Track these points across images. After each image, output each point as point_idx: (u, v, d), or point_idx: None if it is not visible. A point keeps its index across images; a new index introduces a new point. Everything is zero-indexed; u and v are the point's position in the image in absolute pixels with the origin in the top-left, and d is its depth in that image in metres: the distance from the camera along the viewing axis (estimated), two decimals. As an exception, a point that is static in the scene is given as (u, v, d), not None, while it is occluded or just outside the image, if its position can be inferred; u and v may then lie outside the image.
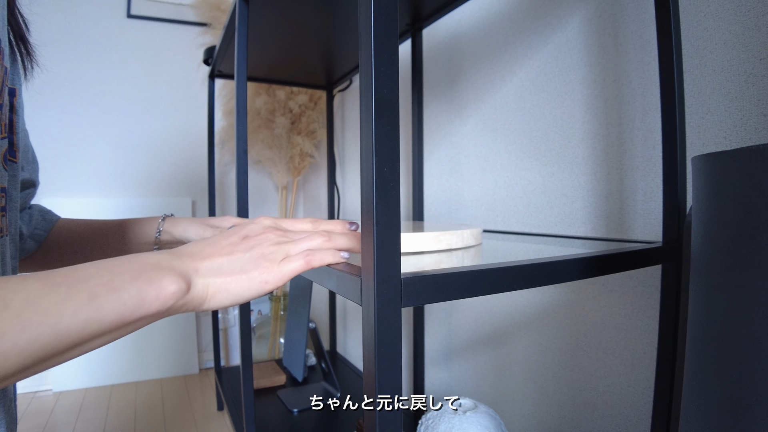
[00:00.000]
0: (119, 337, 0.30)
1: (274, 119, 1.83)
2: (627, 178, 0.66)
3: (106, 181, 1.96)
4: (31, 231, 0.56)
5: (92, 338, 0.28)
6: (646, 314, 0.63)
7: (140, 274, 0.30)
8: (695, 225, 0.29)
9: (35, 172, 0.54)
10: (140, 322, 0.30)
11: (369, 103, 0.29)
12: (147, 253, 0.33)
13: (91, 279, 0.28)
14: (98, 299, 0.27)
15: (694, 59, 0.56)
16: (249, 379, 0.87)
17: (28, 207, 0.58)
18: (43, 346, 0.25)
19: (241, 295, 0.35)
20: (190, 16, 2.01)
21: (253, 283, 0.35)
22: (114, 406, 1.67)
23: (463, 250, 0.50)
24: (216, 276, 0.34)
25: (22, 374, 0.25)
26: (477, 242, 0.56)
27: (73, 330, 0.26)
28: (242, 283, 0.35)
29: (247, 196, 0.84)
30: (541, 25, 0.80)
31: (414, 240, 0.46)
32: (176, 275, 0.31)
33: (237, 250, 0.36)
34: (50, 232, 0.58)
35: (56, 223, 0.59)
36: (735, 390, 0.24)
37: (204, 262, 0.34)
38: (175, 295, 0.31)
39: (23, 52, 0.44)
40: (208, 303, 0.34)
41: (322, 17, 0.98)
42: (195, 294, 0.33)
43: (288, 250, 0.37)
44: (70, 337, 0.26)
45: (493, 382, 0.93)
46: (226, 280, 0.34)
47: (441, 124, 1.09)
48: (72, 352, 0.27)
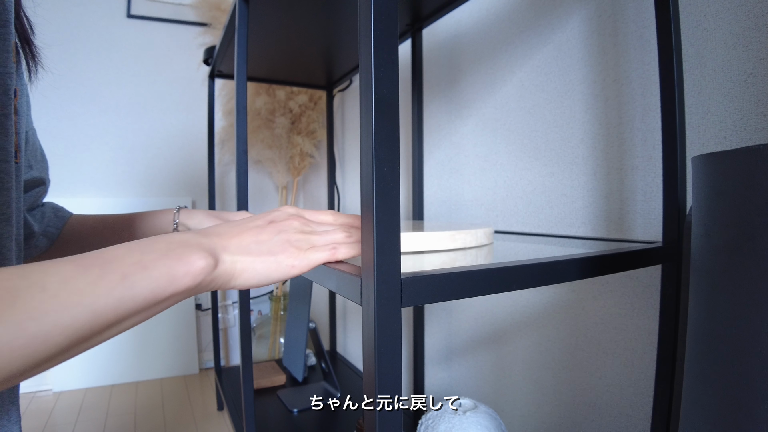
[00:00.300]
0: (152, 316, 0.30)
1: (274, 119, 1.83)
2: (627, 178, 0.66)
3: (105, 180, 1.96)
4: (44, 228, 0.56)
5: (127, 317, 0.28)
6: (646, 314, 0.63)
7: (168, 251, 0.31)
8: (695, 225, 0.29)
9: (45, 171, 0.54)
10: (172, 299, 0.31)
11: (369, 103, 0.29)
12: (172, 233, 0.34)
13: (122, 259, 0.29)
14: (130, 278, 0.28)
15: (694, 59, 0.56)
16: (249, 379, 0.87)
17: (41, 205, 0.57)
18: (82, 326, 0.25)
19: (268, 276, 0.35)
20: (190, 16, 2.01)
21: (280, 265, 0.35)
22: (114, 406, 1.67)
23: (476, 248, 0.52)
24: (244, 255, 0.35)
25: (63, 356, 0.26)
26: (489, 241, 0.57)
27: (108, 309, 0.27)
28: (269, 265, 0.35)
29: (247, 196, 0.84)
30: (541, 25, 0.80)
31: (430, 239, 0.47)
32: (204, 251, 0.32)
33: (264, 233, 0.36)
34: (63, 229, 0.58)
35: (69, 220, 0.59)
36: (735, 390, 0.24)
37: (232, 240, 0.35)
38: (204, 270, 0.31)
39: (28, 54, 0.44)
40: (235, 281, 0.35)
41: (322, 17, 0.98)
42: (223, 270, 0.33)
43: (314, 241, 0.37)
44: (106, 316, 0.27)
45: (493, 382, 0.93)
46: (254, 260, 0.35)
47: (441, 124, 1.09)
48: (108, 332, 0.28)
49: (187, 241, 0.32)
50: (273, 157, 1.91)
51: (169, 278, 0.30)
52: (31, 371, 0.25)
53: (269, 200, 2.25)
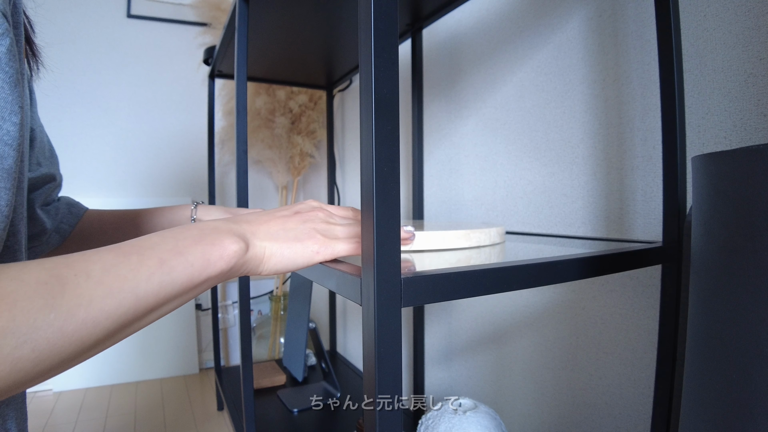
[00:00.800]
0: (188, 300, 0.32)
1: (274, 119, 1.83)
2: (627, 178, 0.66)
3: (105, 180, 1.96)
4: (57, 225, 0.55)
5: (166, 301, 0.29)
6: (646, 314, 0.63)
7: (202, 237, 0.32)
8: (695, 225, 0.29)
9: (54, 166, 0.53)
10: (206, 283, 0.32)
11: (369, 103, 0.29)
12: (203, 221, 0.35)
13: (158, 246, 0.30)
14: (168, 263, 0.29)
15: (694, 59, 0.56)
16: (249, 379, 0.87)
17: (56, 200, 0.57)
18: (125, 311, 0.27)
19: (294, 261, 0.37)
20: (190, 16, 2.01)
21: (306, 251, 0.37)
22: (114, 406, 1.67)
23: (490, 247, 0.54)
24: (272, 241, 0.36)
25: (109, 341, 0.27)
26: (501, 240, 0.59)
27: (150, 294, 0.28)
28: (296, 250, 0.37)
29: (247, 196, 0.84)
30: (541, 25, 0.80)
31: (447, 237, 0.50)
32: (236, 236, 0.33)
33: (291, 221, 0.38)
34: (77, 225, 0.58)
35: (85, 215, 0.59)
36: (735, 390, 0.24)
37: (261, 227, 0.36)
38: (237, 254, 0.33)
39: (29, 53, 0.44)
40: (264, 265, 0.36)
41: (322, 17, 0.98)
42: (253, 255, 0.35)
43: (337, 232, 0.39)
44: (147, 301, 0.28)
45: (493, 382, 0.93)
46: (281, 245, 0.36)
47: (441, 124, 1.09)
48: (149, 317, 0.29)
49: (218, 227, 0.34)
50: (273, 157, 1.91)
51: (204, 262, 0.31)
52: (81, 357, 0.26)
53: (269, 200, 2.25)
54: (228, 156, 2.09)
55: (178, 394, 1.79)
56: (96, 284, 0.25)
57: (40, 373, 0.24)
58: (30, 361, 0.23)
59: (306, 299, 1.40)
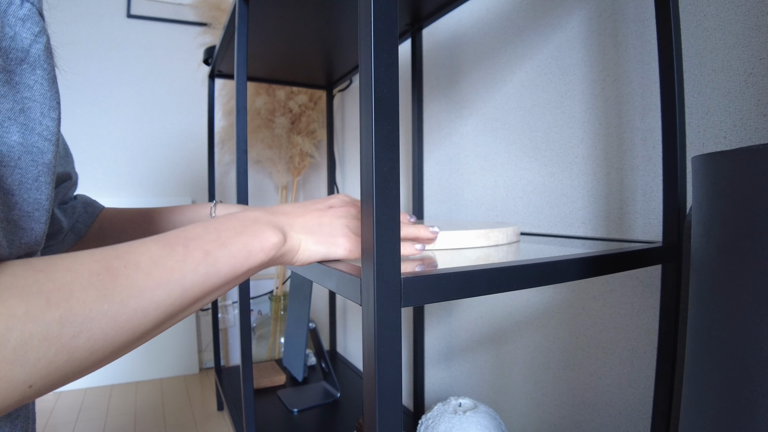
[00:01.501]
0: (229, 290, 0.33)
1: (274, 119, 1.83)
2: (627, 178, 0.66)
3: (105, 180, 1.96)
4: (72, 224, 0.55)
5: (210, 292, 0.30)
6: (646, 314, 0.63)
7: (243, 229, 0.33)
8: (695, 225, 0.29)
9: (69, 165, 0.53)
10: (247, 273, 0.33)
11: (369, 103, 0.29)
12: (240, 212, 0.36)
13: (202, 237, 0.30)
14: (212, 255, 0.30)
15: (694, 59, 0.56)
16: (249, 379, 0.87)
17: (73, 198, 0.57)
18: (173, 301, 0.27)
19: (325, 256, 0.38)
20: (190, 16, 2.01)
21: (338, 248, 0.38)
22: (114, 406, 1.67)
23: (506, 245, 0.55)
24: (307, 234, 0.37)
25: (157, 330, 0.28)
26: (517, 239, 0.61)
27: (196, 285, 0.29)
28: (330, 246, 0.38)
29: (247, 196, 0.84)
30: (541, 25, 0.80)
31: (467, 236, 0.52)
32: (275, 228, 0.35)
33: (325, 216, 0.40)
34: (94, 224, 0.58)
35: (102, 213, 0.59)
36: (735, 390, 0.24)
37: (297, 220, 0.38)
38: (276, 246, 0.34)
39: None
40: (298, 257, 0.37)
41: (322, 17, 0.98)
42: (290, 246, 0.36)
43: None
44: (193, 291, 0.29)
45: (493, 382, 0.93)
46: (315, 239, 0.38)
47: (441, 124, 1.09)
48: (193, 306, 0.30)
49: (258, 218, 0.35)
50: (273, 157, 1.91)
51: (246, 254, 0.32)
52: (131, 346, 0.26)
53: (269, 200, 2.25)
54: (228, 156, 2.09)
55: (178, 394, 1.79)
56: (145, 276, 0.26)
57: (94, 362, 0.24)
58: (86, 350, 0.23)
59: (306, 299, 1.40)
